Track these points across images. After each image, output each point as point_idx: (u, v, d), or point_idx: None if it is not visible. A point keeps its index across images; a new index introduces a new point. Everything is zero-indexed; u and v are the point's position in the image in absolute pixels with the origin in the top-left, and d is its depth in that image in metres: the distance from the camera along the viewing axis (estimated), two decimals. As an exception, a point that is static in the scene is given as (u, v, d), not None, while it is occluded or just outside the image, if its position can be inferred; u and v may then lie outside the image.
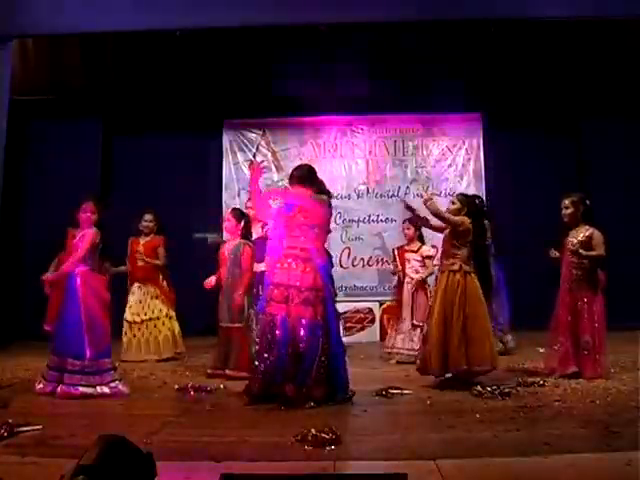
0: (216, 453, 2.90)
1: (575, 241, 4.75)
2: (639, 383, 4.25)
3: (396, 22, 5.24)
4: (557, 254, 4.99)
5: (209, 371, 5.07)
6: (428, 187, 8.19)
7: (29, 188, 7.93)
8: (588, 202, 4.88)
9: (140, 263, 6.01)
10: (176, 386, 4.57)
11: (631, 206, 7.73)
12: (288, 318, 3.96)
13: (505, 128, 8.14)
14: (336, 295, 4.69)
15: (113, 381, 4.35)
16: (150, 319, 5.93)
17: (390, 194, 8.18)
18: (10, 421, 3.36)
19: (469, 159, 8.24)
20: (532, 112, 7.96)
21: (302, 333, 3.94)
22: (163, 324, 5.96)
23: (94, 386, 4.26)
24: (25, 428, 3.34)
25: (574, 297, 4.76)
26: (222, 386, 4.56)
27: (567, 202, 4.85)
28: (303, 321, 3.96)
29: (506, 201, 7.84)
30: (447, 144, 8.27)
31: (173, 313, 6.07)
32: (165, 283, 6.09)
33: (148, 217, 6.05)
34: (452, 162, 8.25)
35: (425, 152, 8.29)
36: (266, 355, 3.97)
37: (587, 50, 7.16)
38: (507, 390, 4.11)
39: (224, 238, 6.14)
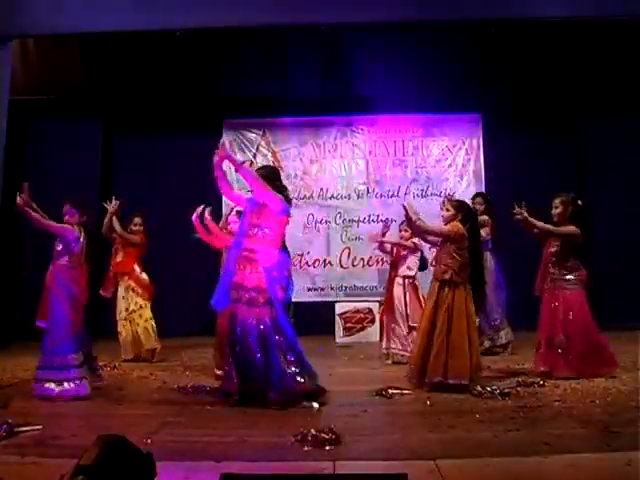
0: (216, 453, 2.91)
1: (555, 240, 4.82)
2: (639, 383, 4.25)
3: (396, 22, 5.23)
4: (523, 213, 4.91)
5: (217, 372, 4.92)
6: (428, 187, 8.21)
7: (29, 188, 7.92)
8: (580, 202, 4.92)
9: (118, 259, 6.04)
10: (176, 386, 4.57)
11: (631, 206, 7.73)
12: (240, 318, 4.03)
13: (505, 128, 8.14)
14: (289, 299, 4.63)
15: (79, 379, 4.28)
16: (131, 312, 5.89)
17: (390, 194, 8.19)
18: (10, 421, 3.36)
19: (469, 159, 8.24)
20: (532, 112, 7.96)
21: (249, 334, 3.99)
22: (140, 316, 5.91)
23: (60, 382, 4.23)
24: (25, 428, 3.34)
25: (554, 296, 4.79)
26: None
27: (557, 202, 4.90)
28: (249, 321, 4.00)
29: (506, 201, 7.83)
30: (447, 144, 8.28)
31: (147, 303, 5.99)
32: (144, 275, 6.04)
33: (137, 220, 6.10)
34: (452, 162, 8.25)
35: (425, 152, 8.30)
36: (229, 354, 4.09)
37: (587, 50, 7.15)
38: (507, 390, 4.11)
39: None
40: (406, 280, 5.62)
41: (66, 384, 4.23)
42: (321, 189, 8.26)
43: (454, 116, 8.26)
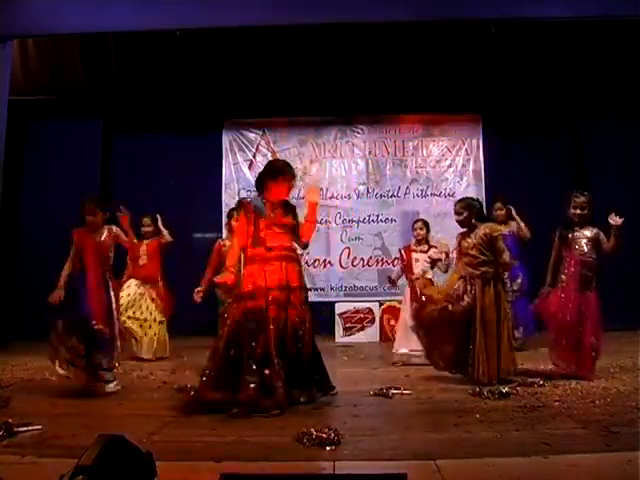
0: (216, 453, 2.90)
1: (585, 240, 4.76)
2: (639, 383, 4.26)
3: (396, 22, 5.23)
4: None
5: None
6: (428, 187, 8.21)
7: (29, 188, 7.94)
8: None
9: (142, 262, 6.00)
10: (176, 386, 4.56)
11: (631, 206, 7.70)
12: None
13: (505, 128, 8.15)
14: None
15: None
16: (146, 320, 5.92)
17: (390, 194, 8.19)
18: (10, 421, 3.36)
19: (469, 159, 8.25)
20: (532, 112, 7.96)
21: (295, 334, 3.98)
22: (150, 327, 5.94)
23: None
24: (25, 428, 3.34)
25: (580, 297, 4.70)
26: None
27: (584, 200, 4.85)
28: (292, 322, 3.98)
29: (506, 201, 7.84)
30: (447, 144, 8.29)
31: (164, 318, 6.05)
32: (162, 285, 6.07)
33: (146, 221, 6.10)
34: (452, 162, 8.26)
35: (425, 152, 8.30)
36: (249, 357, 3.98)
37: (587, 50, 7.15)
38: (507, 390, 4.11)
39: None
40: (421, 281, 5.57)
41: None
42: (321, 189, 8.25)
43: (454, 116, 8.27)
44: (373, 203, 8.21)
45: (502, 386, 4.19)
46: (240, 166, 8.33)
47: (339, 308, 7.50)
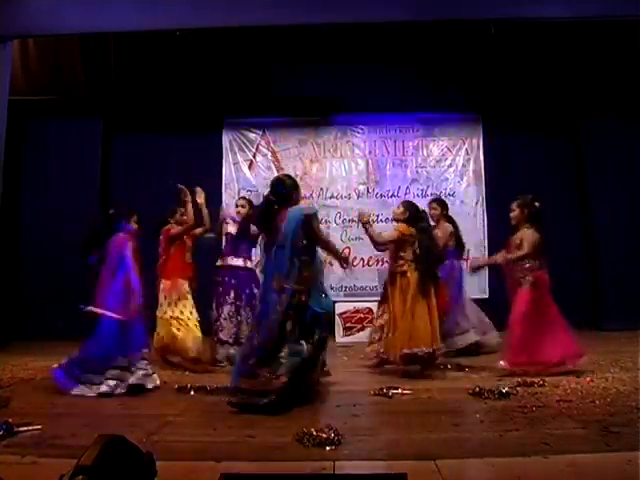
0: (216, 453, 2.90)
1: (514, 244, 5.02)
2: (639, 383, 4.26)
3: (396, 22, 5.23)
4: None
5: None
6: (428, 187, 8.22)
7: (29, 188, 7.94)
8: (537, 204, 5.09)
9: (188, 260, 5.72)
10: (176, 386, 4.57)
11: (630, 206, 7.73)
12: None
13: (505, 128, 8.15)
14: None
15: None
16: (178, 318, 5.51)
17: (390, 194, 8.19)
18: (10, 421, 3.36)
19: (469, 159, 8.25)
20: (532, 112, 7.96)
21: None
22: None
23: None
24: (25, 428, 3.34)
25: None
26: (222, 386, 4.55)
27: (513, 205, 5.11)
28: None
29: (506, 201, 7.82)
30: (447, 144, 8.29)
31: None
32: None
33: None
34: (452, 162, 8.26)
35: (425, 152, 8.30)
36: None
37: (587, 50, 7.16)
38: (507, 390, 4.11)
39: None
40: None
41: None
42: (321, 189, 8.27)
43: (454, 116, 8.26)
44: (373, 203, 8.20)
45: (502, 386, 4.20)
46: (240, 166, 8.33)
47: (339, 308, 7.49)
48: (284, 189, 4.25)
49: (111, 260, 4.48)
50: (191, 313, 5.47)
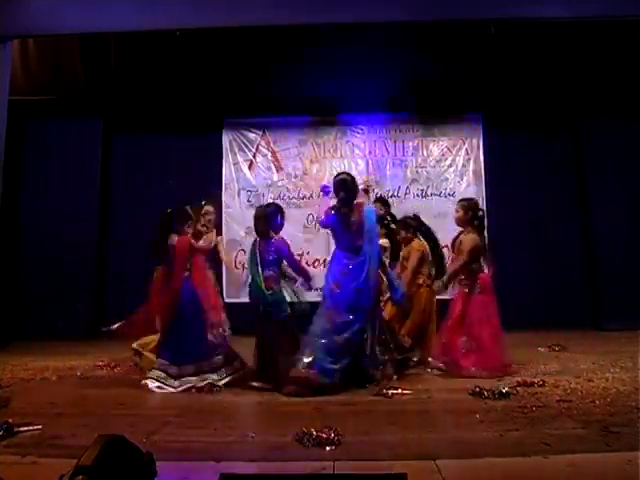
0: (216, 453, 2.90)
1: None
2: (639, 383, 4.26)
3: (396, 22, 5.23)
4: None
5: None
6: (428, 187, 8.21)
7: (29, 188, 7.94)
8: (481, 209, 5.14)
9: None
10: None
11: (630, 206, 7.73)
12: None
13: (505, 128, 8.15)
14: None
15: None
16: None
17: (390, 194, 8.18)
18: (10, 421, 3.36)
19: (469, 159, 8.25)
20: (532, 112, 7.97)
21: None
22: None
23: None
24: (25, 428, 3.34)
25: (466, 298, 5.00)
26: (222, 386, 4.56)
27: (457, 206, 5.14)
28: None
29: (506, 201, 7.85)
30: (447, 144, 8.29)
31: None
32: None
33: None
34: (452, 162, 8.26)
35: (425, 152, 8.30)
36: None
37: (586, 50, 7.16)
38: (507, 390, 4.11)
39: None
40: None
41: None
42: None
43: (454, 116, 8.27)
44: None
45: (502, 386, 4.20)
46: (240, 166, 8.33)
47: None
48: (352, 187, 4.63)
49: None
50: None
